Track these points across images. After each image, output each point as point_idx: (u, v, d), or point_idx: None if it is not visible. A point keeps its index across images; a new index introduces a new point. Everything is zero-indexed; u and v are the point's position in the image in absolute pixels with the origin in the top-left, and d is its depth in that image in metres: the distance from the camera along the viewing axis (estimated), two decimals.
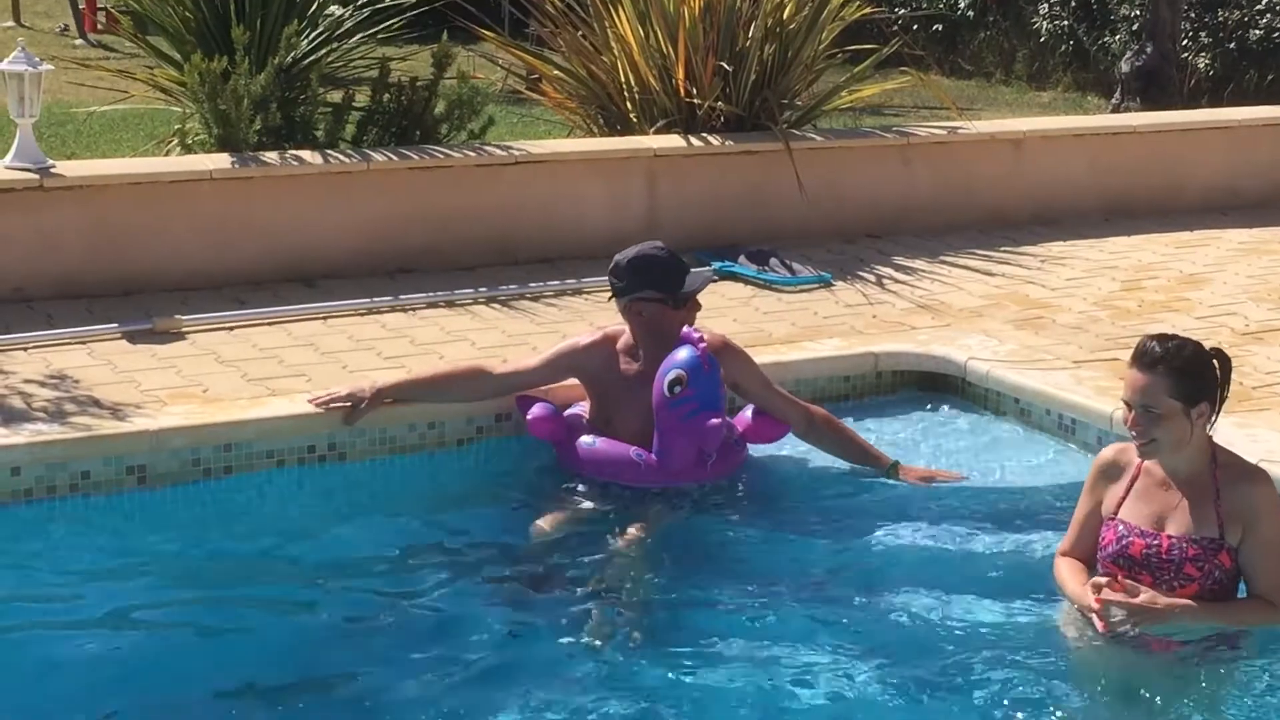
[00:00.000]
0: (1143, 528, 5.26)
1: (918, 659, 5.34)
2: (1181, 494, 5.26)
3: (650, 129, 9.88)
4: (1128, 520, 5.29)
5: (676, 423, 6.36)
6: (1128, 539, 5.26)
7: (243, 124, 8.93)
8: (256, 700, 5.14)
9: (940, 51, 17.16)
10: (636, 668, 5.32)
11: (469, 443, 6.86)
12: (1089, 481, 5.46)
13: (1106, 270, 9.24)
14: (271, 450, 6.58)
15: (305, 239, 8.80)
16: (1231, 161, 10.97)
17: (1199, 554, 5.21)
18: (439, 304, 8.37)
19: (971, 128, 10.52)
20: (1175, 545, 5.22)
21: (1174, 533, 5.23)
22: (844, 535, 6.29)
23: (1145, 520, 5.27)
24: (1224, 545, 5.22)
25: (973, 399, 7.47)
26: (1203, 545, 5.21)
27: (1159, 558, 5.22)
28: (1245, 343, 7.88)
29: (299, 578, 5.97)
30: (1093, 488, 5.43)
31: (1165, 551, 5.22)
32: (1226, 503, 5.24)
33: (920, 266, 9.26)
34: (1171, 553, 5.22)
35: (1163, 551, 5.22)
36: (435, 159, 9.11)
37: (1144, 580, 5.23)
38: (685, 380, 6.31)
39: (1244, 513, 5.22)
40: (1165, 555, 5.22)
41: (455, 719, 5.03)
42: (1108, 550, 5.30)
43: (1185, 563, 5.22)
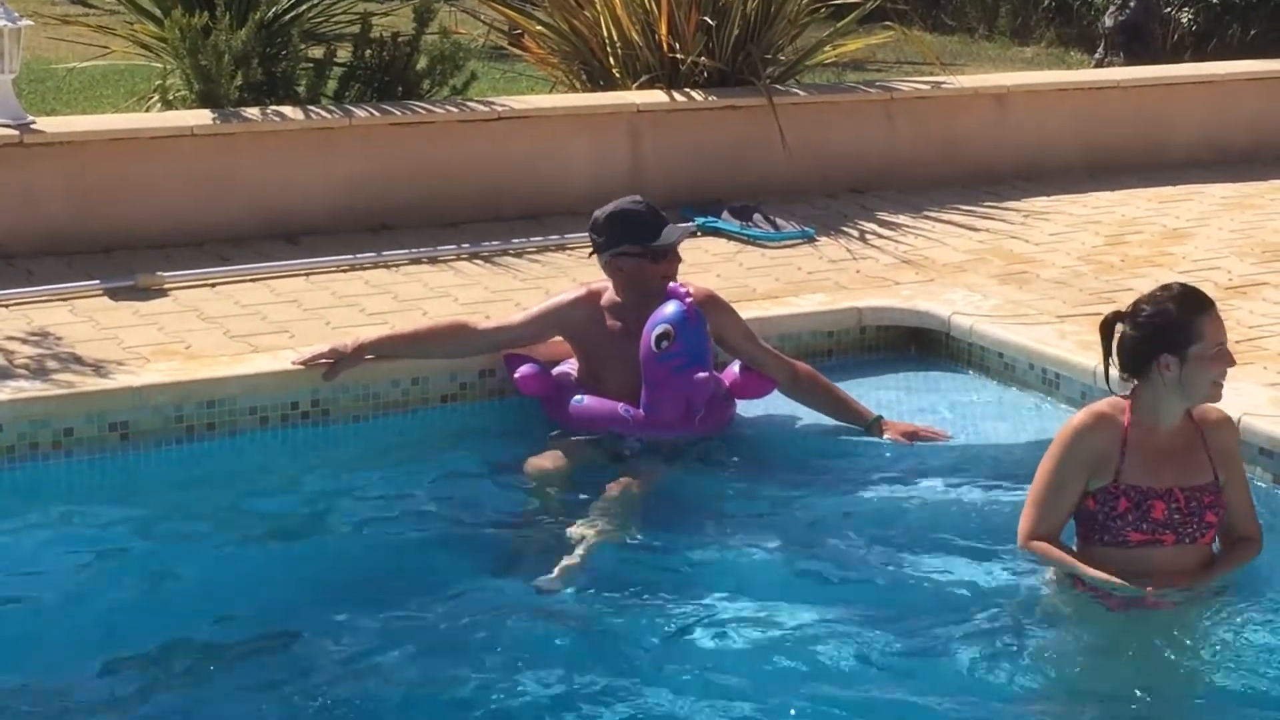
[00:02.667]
0: (1154, 487, 5.19)
1: (901, 613, 5.36)
2: (1173, 445, 5.24)
3: (633, 84, 9.84)
4: (1136, 484, 5.18)
5: (665, 376, 6.36)
6: (1146, 503, 5.17)
7: (224, 80, 8.88)
8: (237, 655, 5.15)
9: (923, 6, 17.10)
10: (620, 618, 5.34)
11: (453, 399, 6.85)
12: (1068, 455, 5.22)
13: (1090, 225, 9.24)
14: (255, 407, 6.57)
15: (287, 195, 8.76)
16: (1215, 116, 10.95)
17: (1213, 500, 5.23)
18: (422, 260, 8.34)
19: (955, 83, 10.49)
20: (1191, 497, 5.21)
21: (1184, 484, 5.21)
22: (828, 490, 6.31)
23: (1153, 480, 5.19)
24: (1221, 486, 5.25)
25: (956, 354, 7.47)
26: (1212, 490, 5.23)
27: (1180, 514, 5.19)
28: (1229, 297, 7.88)
29: (281, 534, 5.98)
30: (1077, 461, 5.21)
31: (1185, 506, 5.20)
32: (1212, 445, 5.26)
33: (904, 221, 9.25)
34: (1191, 505, 5.20)
35: (1182, 507, 5.19)
36: (417, 115, 9.07)
37: (1166, 540, 5.20)
38: (673, 334, 6.31)
39: (1227, 453, 5.29)
40: (1186, 510, 5.20)
41: (438, 670, 5.05)
42: (1127, 519, 5.17)
43: (1204, 511, 5.22)
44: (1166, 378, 5.15)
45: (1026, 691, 4.99)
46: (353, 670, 5.05)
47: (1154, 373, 5.15)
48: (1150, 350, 5.14)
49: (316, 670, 5.05)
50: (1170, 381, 5.15)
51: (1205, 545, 5.27)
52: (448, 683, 4.99)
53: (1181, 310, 5.15)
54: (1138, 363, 5.18)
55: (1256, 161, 10.73)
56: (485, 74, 12.08)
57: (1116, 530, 5.20)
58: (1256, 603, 5.32)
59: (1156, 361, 5.14)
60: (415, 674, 5.04)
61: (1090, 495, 5.23)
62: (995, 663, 5.05)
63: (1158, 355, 5.13)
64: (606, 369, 6.56)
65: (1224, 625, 5.23)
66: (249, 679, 5.02)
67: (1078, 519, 5.30)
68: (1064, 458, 5.25)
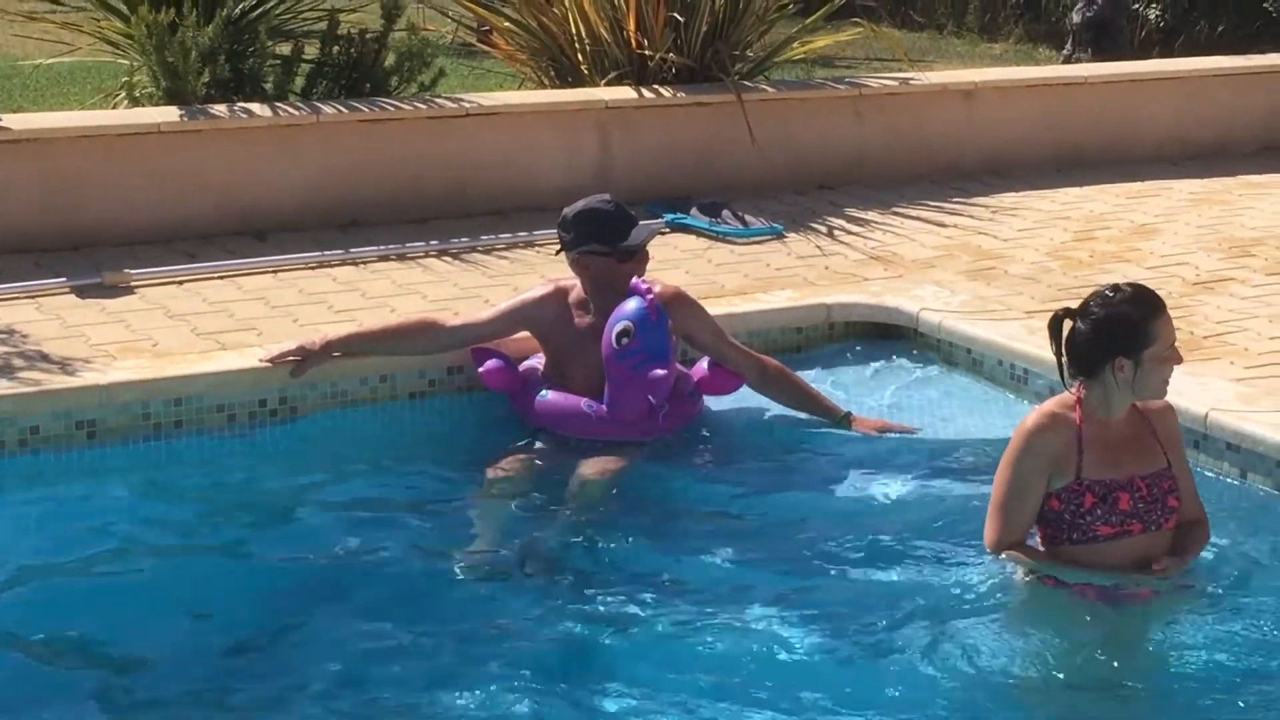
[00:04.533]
0: (1116, 479, 5.21)
1: (871, 610, 5.36)
2: (1126, 436, 5.26)
3: (602, 81, 9.84)
4: (1099, 478, 5.20)
5: (625, 374, 6.35)
6: (1111, 495, 5.19)
7: (190, 77, 8.85)
8: (204, 653, 5.13)
9: (892, 3, 17.11)
10: (585, 615, 5.33)
11: (421, 396, 6.84)
12: (1026, 459, 5.21)
13: (1058, 221, 9.25)
14: (222, 404, 6.55)
15: (255, 192, 8.74)
16: (1182, 112, 10.98)
17: (1171, 484, 5.26)
18: (390, 257, 8.33)
19: (923, 79, 10.50)
20: (1152, 483, 5.23)
21: (1142, 473, 5.24)
22: (796, 486, 6.32)
23: (1112, 472, 5.21)
24: (1173, 471, 5.28)
25: (925, 350, 7.48)
26: (1168, 475, 5.26)
27: (1144, 502, 5.21)
28: (1196, 293, 7.90)
29: (249, 532, 5.95)
30: (1036, 464, 5.20)
31: (1147, 494, 5.22)
32: (1160, 432, 5.30)
33: (872, 218, 9.25)
34: (1153, 491, 5.23)
35: (1145, 495, 5.22)
36: (385, 111, 9.05)
37: (1134, 529, 5.22)
38: (633, 331, 6.31)
39: (1172, 438, 5.34)
40: (1149, 497, 5.22)
41: (403, 667, 5.04)
42: (1095, 514, 5.19)
43: (1166, 496, 5.25)
44: (1120, 379, 5.17)
45: (1000, 688, 4.98)
46: (319, 668, 5.03)
47: (1107, 374, 5.17)
48: (1105, 353, 5.16)
49: (283, 668, 5.05)
50: (1123, 382, 5.17)
51: (1170, 530, 5.30)
52: (413, 679, 4.98)
53: (1138, 313, 5.17)
54: (1091, 365, 5.20)
55: (1224, 157, 10.76)
56: (453, 70, 12.07)
57: (1086, 526, 5.21)
58: (1228, 595, 5.35)
59: (1111, 364, 5.15)
60: (382, 671, 5.02)
61: (1053, 496, 5.23)
62: (967, 659, 5.04)
63: (1113, 358, 5.15)
64: (572, 365, 6.56)
65: (1197, 618, 5.25)
66: (213, 678, 5.00)
67: (1041, 521, 5.30)
68: (1021, 462, 5.25)
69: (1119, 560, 5.22)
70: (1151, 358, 5.15)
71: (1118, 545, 5.21)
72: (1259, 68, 11.39)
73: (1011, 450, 5.28)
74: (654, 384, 6.34)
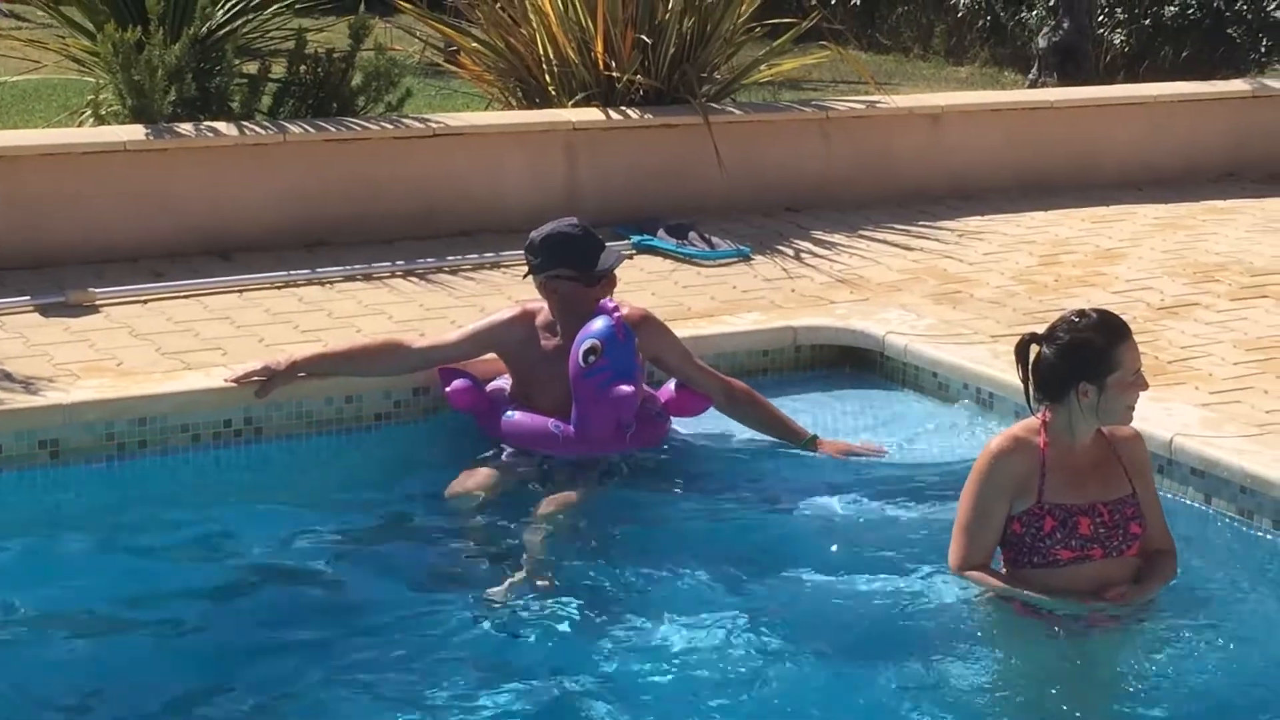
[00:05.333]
0: (1078, 504, 5.22)
1: (837, 631, 5.37)
2: (1090, 462, 5.27)
3: (569, 102, 9.84)
4: (1060, 503, 5.21)
5: (592, 392, 6.35)
6: (1071, 520, 5.20)
7: (157, 95, 8.82)
8: (167, 674, 5.11)
9: (858, 26, 17.14)
10: (549, 636, 5.32)
11: (387, 417, 6.82)
12: (989, 482, 5.23)
13: (1023, 245, 9.28)
14: (186, 424, 6.53)
15: (221, 211, 8.72)
16: (1147, 137, 11.02)
17: (1134, 511, 5.27)
18: (356, 277, 8.31)
19: (890, 102, 10.53)
20: (1114, 509, 5.24)
21: (1105, 499, 5.25)
22: (763, 508, 6.31)
23: (1074, 497, 5.23)
24: (1137, 499, 5.28)
25: (891, 373, 7.49)
26: (1132, 502, 5.27)
27: (1105, 528, 5.22)
28: (1160, 318, 7.93)
29: (213, 553, 5.93)
30: (998, 487, 5.23)
31: (1109, 519, 5.23)
32: (1125, 459, 5.31)
33: (839, 240, 9.26)
34: (1115, 517, 5.23)
35: (1106, 520, 5.23)
36: (352, 131, 9.04)
37: (1095, 554, 5.23)
38: (600, 349, 6.31)
39: (1139, 466, 5.35)
40: (1110, 523, 5.23)
41: (367, 688, 5.03)
42: (1055, 537, 5.20)
43: (1129, 523, 5.25)
44: (1084, 404, 5.18)
45: (962, 711, 4.98)
46: (285, 689, 5.02)
47: (1072, 399, 5.18)
48: (1070, 379, 5.18)
49: (247, 690, 5.02)
50: (1088, 408, 5.19)
51: (1133, 557, 5.31)
52: (370, 696, 4.98)
53: (1103, 339, 5.18)
54: (1056, 390, 5.21)
55: (1188, 182, 10.81)
56: (421, 91, 12.05)
57: (1046, 550, 5.22)
58: (1190, 621, 5.36)
59: (1075, 389, 5.17)
60: (342, 689, 5.02)
61: (1015, 519, 5.25)
62: (930, 683, 5.06)
63: (1077, 383, 5.17)
64: (539, 387, 6.55)
65: (1159, 644, 5.26)
66: (178, 699, 4.97)
67: (1004, 544, 5.31)
68: (985, 485, 5.27)
69: (1080, 584, 5.22)
70: (1116, 384, 5.16)
71: (1078, 570, 5.22)
72: (1223, 94, 11.44)
73: (975, 473, 5.29)
74: (621, 402, 6.34)
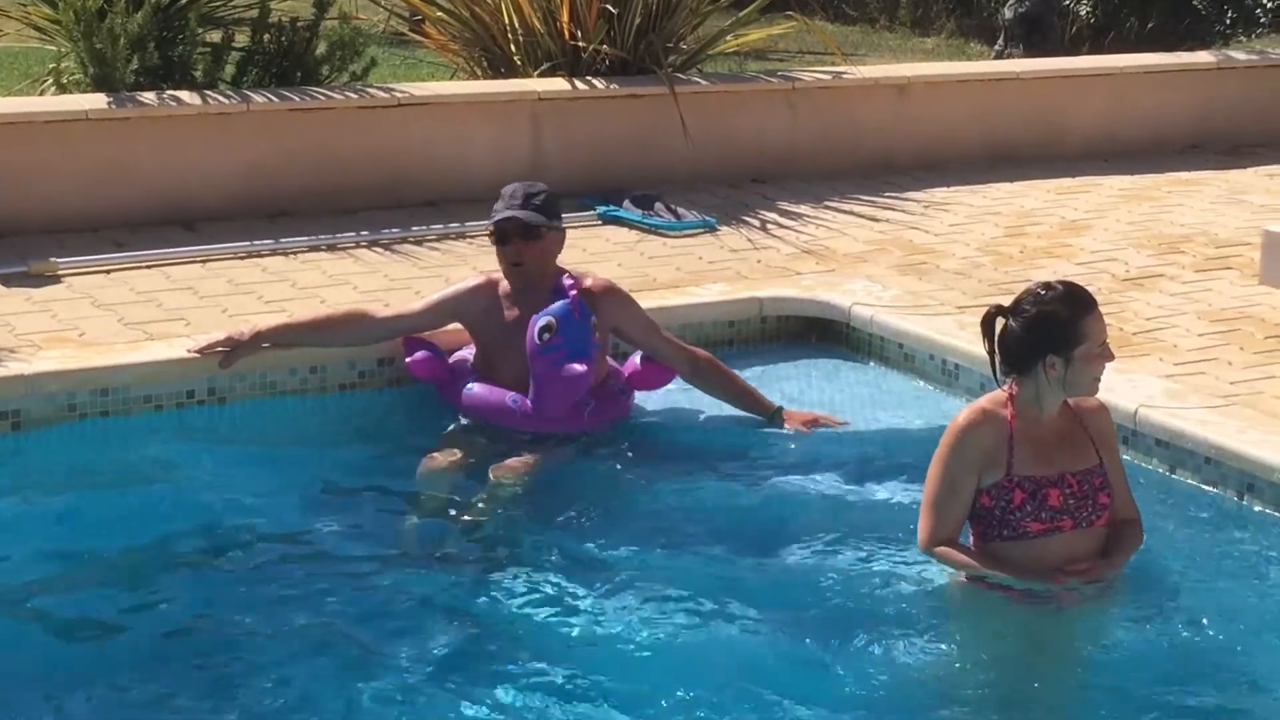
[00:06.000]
0: (1047, 475, 5.21)
1: (800, 605, 5.36)
2: (1057, 433, 5.27)
3: (535, 72, 9.81)
4: (1029, 475, 5.20)
5: (547, 369, 6.34)
6: (1041, 492, 5.19)
7: (119, 64, 8.77)
8: (129, 645, 5.10)
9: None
10: (509, 608, 5.32)
11: (351, 387, 6.80)
12: (957, 456, 5.22)
13: (989, 216, 9.28)
14: (149, 395, 6.50)
15: (184, 181, 8.67)
16: (1112, 108, 11.02)
17: (1103, 481, 5.26)
18: (321, 247, 8.28)
19: (856, 73, 10.52)
20: (1083, 480, 5.24)
21: (1073, 469, 5.24)
22: (727, 480, 6.30)
23: (1043, 468, 5.21)
24: (1105, 469, 5.29)
25: (857, 344, 7.49)
26: (1100, 473, 5.26)
27: (1075, 498, 5.22)
28: (1126, 289, 7.94)
29: (177, 524, 5.90)
30: (966, 461, 5.21)
31: (1078, 490, 5.23)
32: (1092, 429, 5.31)
33: (805, 211, 9.25)
34: (1083, 488, 5.23)
35: (1075, 491, 5.22)
36: (316, 101, 9.00)
37: (1065, 526, 5.22)
38: (555, 327, 6.30)
39: (1105, 436, 5.35)
40: (1080, 493, 5.23)
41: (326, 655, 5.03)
42: (1025, 510, 5.19)
43: (1097, 493, 5.25)
44: (1051, 377, 5.17)
45: (929, 687, 4.98)
46: (243, 657, 5.01)
47: (1038, 371, 5.18)
48: (1036, 350, 5.17)
49: (206, 658, 5.01)
50: (1054, 380, 5.18)
51: (1102, 528, 5.31)
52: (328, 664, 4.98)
53: (1069, 311, 5.17)
54: (1023, 363, 5.20)
55: (1153, 153, 10.82)
56: (385, 60, 12.00)
57: (1015, 523, 5.22)
58: (1157, 594, 5.38)
59: (1042, 362, 5.16)
60: (303, 657, 5.01)
61: (984, 492, 5.24)
62: (897, 658, 5.05)
63: (1043, 356, 5.16)
64: (501, 358, 6.53)
65: (1126, 617, 5.28)
66: (137, 669, 4.96)
67: (973, 518, 5.30)
68: (953, 459, 5.25)
69: (1049, 556, 5.22)
70: (1082, 356, 5.16)
71: (1049, 542, 5.22)
72: (1188, 65, 11.46)
73: (943, 447, 5.28)
74: (573, 381, 6.32)
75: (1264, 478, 5.93)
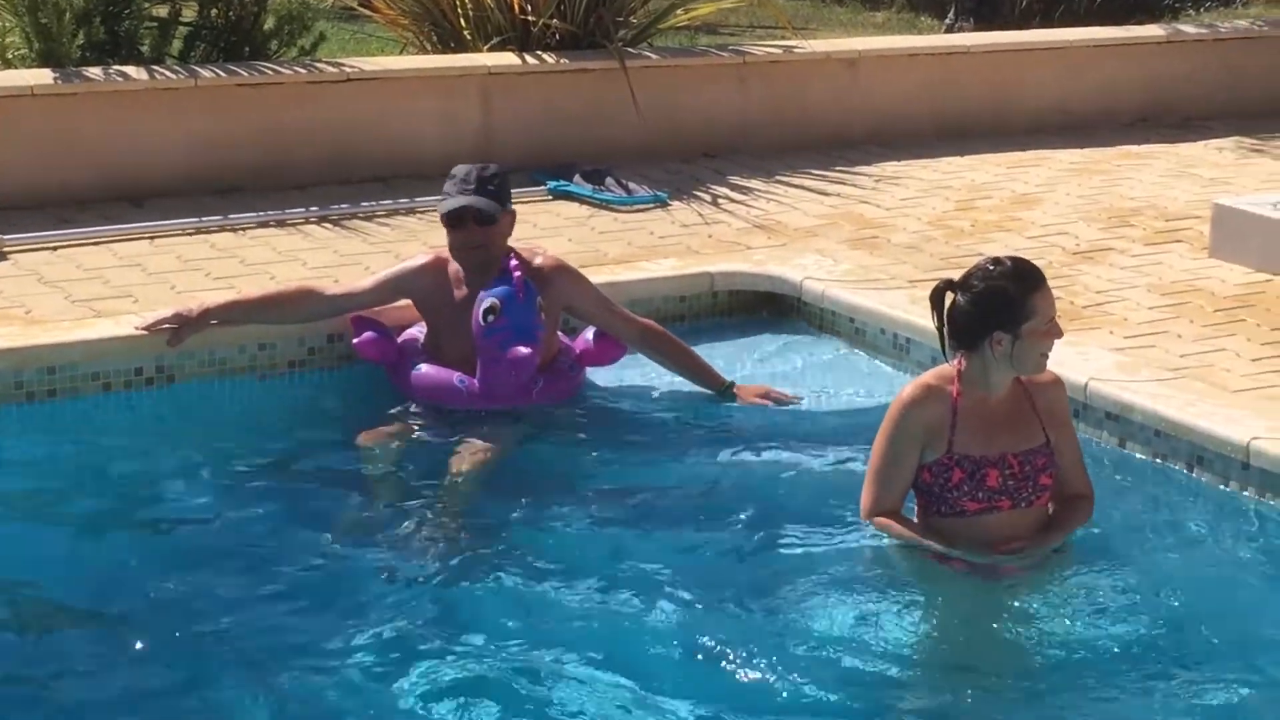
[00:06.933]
0: (987, 455, 5.21)
1: (748, 578, 5.37)
2: (1003, 412, 5.27)
3: (484, 46, 9.77)
4: (969, 454, 5.19)
5: (492, 350, 6.32)
6: (980, 472, 5.19)
7: (65, 38, 8.71)
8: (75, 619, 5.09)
9: None
10: (458, 588, 5.30)
11: (301, 365, 6.76)
12: (900, 430, 5.22)
13: (940, 190, 9.29)
14: (97, 373, 6.46)
15: (131, 157, 8.62)
16: (1063, 82, 11.04)
17: (1046, 462, 5.26)
18: (270, 224, 8.23)
19: (807, 47, 10.50)
20: (1025, 461, 5.23)
21: (1015, 450, 5.25)
22: (678, 457, 6.29)
23: (985, 448, 5.21)
24: (1052, 447, 5.29)
25: (808, 319, 7.49)
26: (1044, 453, 5.26)
27: (1015, 480, 5.22)
28: (1076, 262, 7.95)
29: (125, 502, 5.88)
30: (909, 435, 5.22)
31: (1019, 471, 5.23)
32: (1041, 407, 5.30)
33: (756, 186, 9.25)
34: (1025, 469, 5.23)
35: (1016, 472, 5.23)
36: (265, 76, 8.95)
37: (1003, 506, 5.23)
38: (499, 309, 6.27)
39: (1056, 413, 5.33)
40: (1020, 475, 5.23)
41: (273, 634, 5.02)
42: (962, 489, 5.20)
43: (1038, 474, 5.25)
44: (998, 353, 5.16)
45: (874, 657, 4.98)
46: (191, 635, 4.99)
47: (985, 348, 5.17)
48: (983, 327, 5.15)
49: (157, 640, 4.98)
50: (1001, 356, 5.17)
51: (1042, 507, 5.32)
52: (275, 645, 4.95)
53: (1017, 288, 5.15)
54: (970, 338, 5.20)
55: (1103, 127, 10.85)
56: (334, 35, 11.95)
57: (953, 501, 5.23)
58: (1103, 564, 5.40)
59: (989, 338, 5.15)
60: (252, 638, 4.99)
61: (925, 468, 5.24)
62: (843, 629, 5.05)
63: (990, 332, 5.15)
64: (448, 337, 6.50)
65: (1071, 587, 5.29)
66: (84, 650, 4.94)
67: (916, 491, 5.32)
68: (896, 433, 5.25)
69: (987, 534, 5.23)
70: (1029, 332, 5.14)
71: (985, 520, 5.23)
72: (1137, 39, 11.49)
73: (887, 421, 5.29)
74: (519, 363, 6.30)
75: (1213, 450, 5.95)
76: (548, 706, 4.68)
